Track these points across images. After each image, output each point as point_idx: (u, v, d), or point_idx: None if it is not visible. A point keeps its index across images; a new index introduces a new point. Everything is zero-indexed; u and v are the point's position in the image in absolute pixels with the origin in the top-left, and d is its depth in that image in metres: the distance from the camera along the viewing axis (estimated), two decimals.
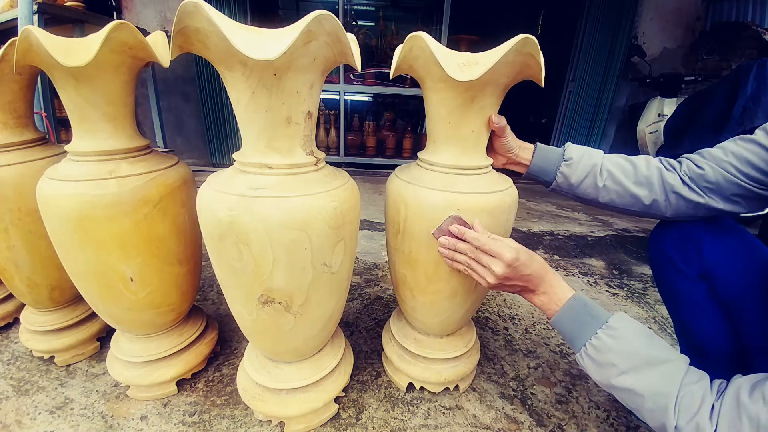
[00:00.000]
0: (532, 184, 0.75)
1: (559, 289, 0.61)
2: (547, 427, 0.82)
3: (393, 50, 0.74)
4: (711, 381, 0.49)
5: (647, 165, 0.68)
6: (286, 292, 0.61)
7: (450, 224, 0.64)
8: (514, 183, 0.74)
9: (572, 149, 0.71)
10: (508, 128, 0.69)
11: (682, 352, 0.77)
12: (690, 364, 0.71)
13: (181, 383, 0.86)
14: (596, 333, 0.55)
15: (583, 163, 0.69)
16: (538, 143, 0.74)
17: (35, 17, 1.72)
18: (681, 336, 0.77)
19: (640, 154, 0.74)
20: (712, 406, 0.46)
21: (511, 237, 0.74)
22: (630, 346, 0.53)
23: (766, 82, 1.62)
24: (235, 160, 0.60)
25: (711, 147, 0.66)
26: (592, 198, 0.71)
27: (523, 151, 0.73)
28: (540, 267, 0.62)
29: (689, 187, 0.65)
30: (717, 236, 0.67)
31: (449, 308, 0.77)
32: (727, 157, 0.62)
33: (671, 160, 0.69)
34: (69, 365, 0.91)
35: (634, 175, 0.68)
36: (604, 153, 0.74)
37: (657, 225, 0.75)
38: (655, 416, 0.50)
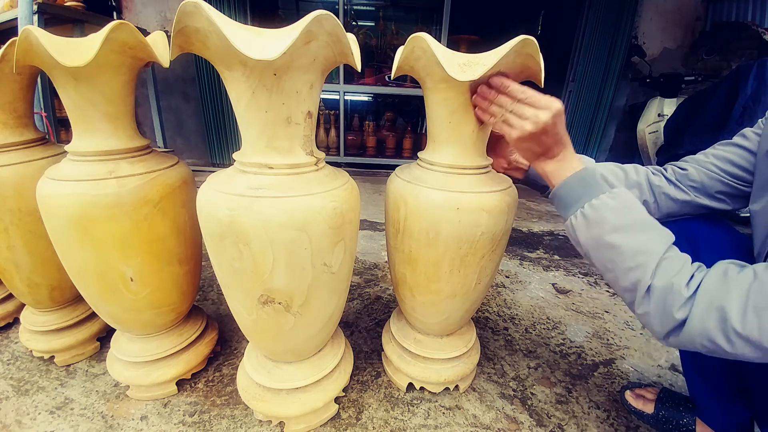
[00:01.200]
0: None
1: (576, 161, 0.61)
2: (547, 427, 0.82)
3: (393, 50, 0.74)
4: (692, 260, 0.51)
5: (635, 171, 0.73)
6: (286, 292, 0.61)
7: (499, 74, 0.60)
8: (513, 183, 0.74)
9: None
10: None
11: (681, 354, 0.77)
12: (684, 365, 0.73)
13: (181, 383, 0.86)
14: (599, 195, 0.55)
15: None
16: None
17: (35, 17, 1.72)
18: None
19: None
20: (692, 276, 0.47)
21: (511, 237, 0.74)
22: (628, 208, 0.54)
23: (766, 82, 1.62)
24: (235, 160, 0.60)
25: (711, 147, 0.70)
26: None
27: (520, 156, 0.75)
28: (568, 139, 0.62)
29: (675, 185, 0.70)
30: (712, 233, 0.68)
31: (449, 308, 0.77)
32: (709, 159, 0.69)
33: (657, 167, 0.74)
34: (69, 365, 0.91)
35: (626, 180, 0.72)
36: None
37: None
38: (631, 274, 0.51)
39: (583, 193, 0.57)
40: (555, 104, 0.58)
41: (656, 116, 2.45)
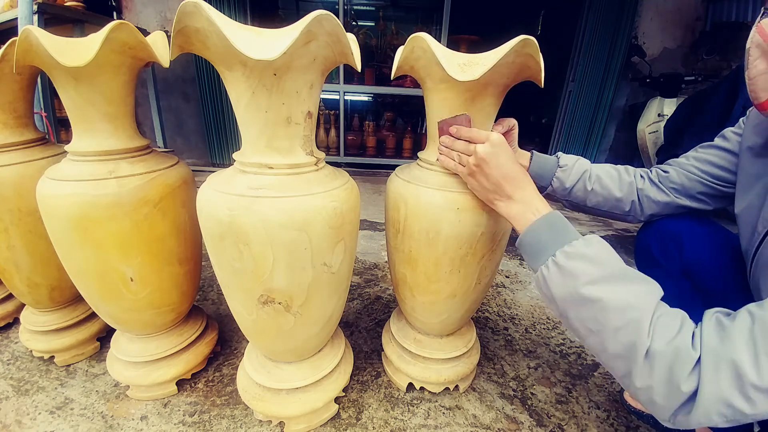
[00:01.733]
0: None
1: (539, 202, 0.56)
2: (547, 427, 0.82)
3: (393, 50, 0.74)
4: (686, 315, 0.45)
5: (627, 171, 0.76)
6: (286, 292, 0.61)
7: (454, 122, 0.63)
8: None
9: (565, 157, 0.77)
10: (515, 133, 0.72)
11: None
12: None
13: (181, 383, 0.86)
14: (571, 242, 0.49)
15: (576, 168, 0.75)
16: (533, 151, 0.78)
17: (35, 17, 1.72)
18: None
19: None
20: (694, 334, 0.41)
21: (511, 237, 0.74)
22: (607, 256, 0.48)
23: None
24: (235, 160, 0.60)
25: (692, 149, 0.73)
26: (581, 201, 0.77)
27: (521, 157, 0.77)
28: (525, 176, 0.58)
29: (657, 188, 0.73)
30: (694, 231, 0.70)
31: (449, 308, 0.77)
32: (689, 161, 0.71)
33: (644, 169, 0.77)
34: (69, 365, 0.91)
35: (619, 180, 0.75)
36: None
37: (642, 227, 0.80)
38: (622, 336, 0.43)
39: (552, 240, 0.51)
40: (492, 136, 0.58)
41: (656, 116, 2.44)
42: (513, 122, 0.71)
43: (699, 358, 0.39)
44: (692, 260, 0.69)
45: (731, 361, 0.37)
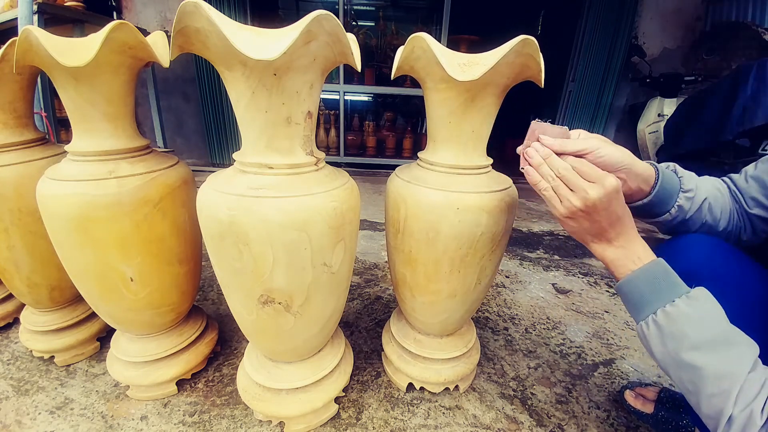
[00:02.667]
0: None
1: (641, 247, 0.52)
2: (547, 427, 0.82)
3: (393, 50, 0.74)
4: None
5: (728, 190, 0.63)
6: (286, 292, 0.61)
7: (552, 132, 0.53)
8: (513, 183, 0.74)
9: (687, 177, 0.61)
10: (595, 141, 0.54)
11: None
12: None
13: (181, 383, 0.86)
14: (674, 300, 0.47)
15: (698, 195, 0.60)
16: (659, 168, 0.59)
17: (35, 17, 1.72)
18: None
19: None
20: None
21: (511, 237, 0.74)
22: (710, 318, 0.46)
23: (766, 82, 1.62)
24: (235, 160, 0.60)
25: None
26: (680, 231, 0.63)
27: (639, 178, 0.57)
28: (629, 217, 0.52)
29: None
30: (713, 273, 0.56)
31: (449, 308, 0.77)
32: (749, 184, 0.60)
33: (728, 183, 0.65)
34: (69, 365, 0.91)
35: (724, 202, 0.62)
36: None
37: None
38: (714, 402, 0.43)
39: (653, 296, 0.49)
40: (609, 180, 0.49)
41: (656, 116, 2.45)
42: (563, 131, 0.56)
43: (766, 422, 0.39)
44: (735, 314, 0.53)
45: None
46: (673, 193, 0.59)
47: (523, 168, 0.56)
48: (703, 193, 0.60)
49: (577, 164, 0.50)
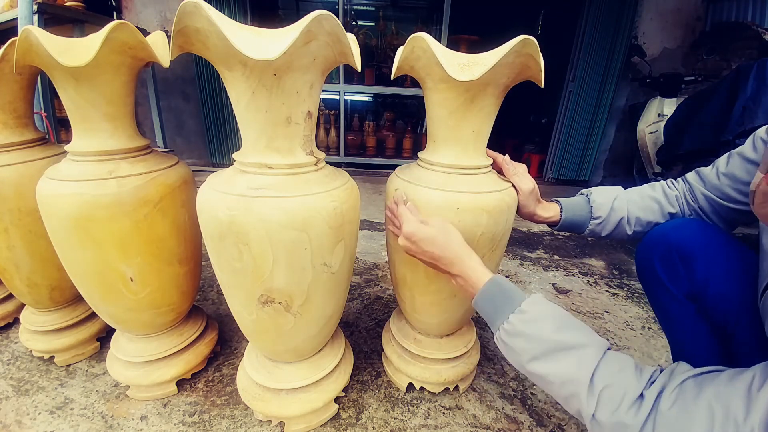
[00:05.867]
0: None
1: (473, 273, 0.58)
2: (547, 427, 0.82)
3: (393, 50, 0.74)
4: (637, 367, 0.46)
5: (668, 199, 0.71)
6: (286, 292, 0.61)
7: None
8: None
9: (598, 202, 0.73)
10: (528, 190, 0.71)
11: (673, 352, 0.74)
12: None
13: (181, 383, 0.86)
14: (508, 317, 0.53)
15: (611, 219, 0.72)
16: (561, 203, 0.75)
17: (35, 17, 1.72)
18: (672, 348, 0.73)
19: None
20: (640, 397, 0.42)
21: (511, 237, 0.74)
22: (540, 331, 0.50)
23: (766, 82, 1.62)
24: (235, 160, 0.60)
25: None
26: (623, 240, 0.78)
27: (548, 210, 0.75)
28: (451, 250, 0.60)
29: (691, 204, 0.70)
30: (710, 254, 0.62)
31: (449, 308, 0.77)
32: (720, 180, 0.66)
33: (674, 185, 0.73)
34: (69, 365, 0.91)
35: (661, 214, 0.71)
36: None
37: (645, 238, 0.71)
38: (570, 403, 0.48)
39: (495, 314, 0.55)
40: (406, 227, 0.61)
41: (656, 116, 2.44)
42: (502, 157, 0.73)
43: (647, 419, 0.41)
44: (702, 283, 0.62)
45: None
46: (584, 221, 0.74)
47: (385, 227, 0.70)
48: (620, 213, 0.71)
49: (393, 213, 0.66)
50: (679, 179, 0.74)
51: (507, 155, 0.75)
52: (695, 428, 0.38)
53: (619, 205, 0.72)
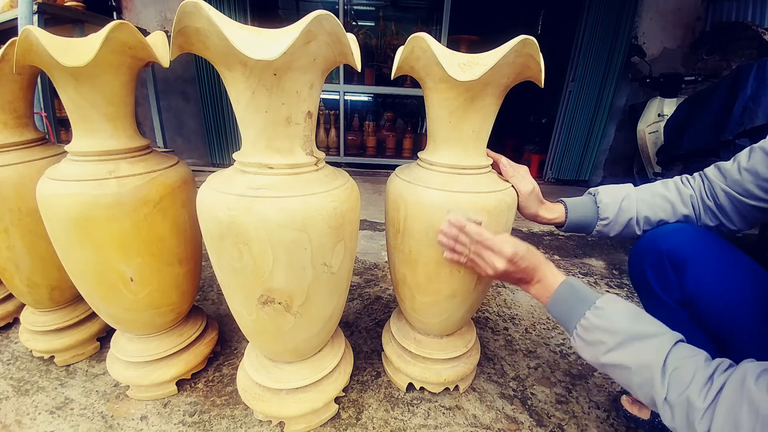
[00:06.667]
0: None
1: (551, 277, 0.61)
2: (547, 427, 0.82)
3: (393, 50, 0.74)
4: (708, 358, 0.47)
5: (682, 198, 0.69)
6: (286, 292, 0.61)
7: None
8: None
9: (605, 204, 0.71)
10: (528, 192, 0.71)
11: None
12: None
13: (181, 383, 0.86)
14: (584, 314, 0.55)
15: (620, 220, 0.71)
16: (566, 204, 0.74)
17: (35, 17, 1.72)
18: None
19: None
20: (709, 380, 0.44)
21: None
22: (616, 324, 0.52)
23: (766, 82, 1.62)
24: (235, 160, 0.60)
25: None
26: (633, 240, 0.74)
27: (551, 211, 0.74)
28: (535, 257, 0.62)
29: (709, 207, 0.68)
30: (702, 261, 0.62)
31: (449, 308, 0.77)
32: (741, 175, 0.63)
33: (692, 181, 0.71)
34: (69, 365, 0.91)
35: (673, 213, 0.70)
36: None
37: (636, 244, 0.72)
38: (644, 390, 0.49)
39: (570, 314, 0.57)
40: (506, 250, 0.60)
41: (656, 116, 2.44)
42: (503, 159, 0.72)
43: (712, 403, 0.42)
44: (694, 290, 0.62)
45: (736, 423, 0.40)
46: (591, 221, 0.73)
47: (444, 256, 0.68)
48: (629, 214, 0.70)
49: (480, 236, 0.62)
50: (696, 175, 0.71)
51: (503, 158, 0.74)
52: (743, 421, 0.39)
53: (627, 205, 0.71)
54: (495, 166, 0.74)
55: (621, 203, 0.71)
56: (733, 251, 0.63)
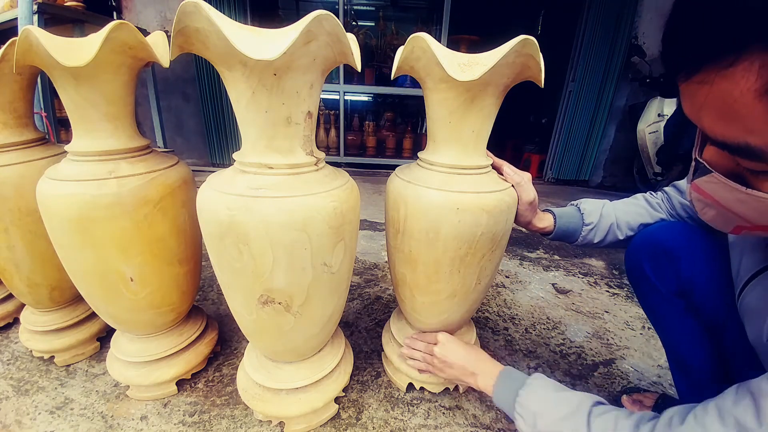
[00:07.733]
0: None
1: (489, 367, 0.71)
2: None
3: (393, 50, 0.75)
4: (629, 412, 0.50)
5: (650, 207, 0.75)
6: (286, 292, 0.61)
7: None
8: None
9: (589, 210, 0.76)
10: (530, 201, 0.73)
11: (668, 364, 0.76)
12: (674, 379, 0.72)
13: (181, 383, 0.86)
14: (518, 393, 0.61)
15: (602, 225, 0.75)
16: (554, 213, 0.78)
17: (35, 17, 1.72)
18: (665, 348, 0.75)
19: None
20: (635, 428, 0.46)
21: (511, 237, 0.74)
22: (541, 408, 0.57)
23: None
24: (235, 160, 0.60)
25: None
26: (617, 247, 0.79)
27: (542, 220, 0.77)
28: (475, 352, 0.75)
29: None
30: (693, 253, 0.64)
31: (449, 308, 0.77)
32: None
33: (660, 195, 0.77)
34: (69, 365, 0.91)
35: (650, 218, 0.74)
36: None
37: (632, 240, 0.74)
38: None
39: (510, 396, 0.63)
40: (439, 336, 0.77)
41: (656, 116, 2.45)
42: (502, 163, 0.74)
43: None
44: (688, 279, 0.64)
45: None
46: (576, 228, 0.76)
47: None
48: (609, 219, 0.75)
49: (421, 337, 0.82)
50: (658, 192, 0.77)
51: (506, 164, 0.75)
52: None
53: (607, 211, 0.76)
54: (494, 167, 0.74)
55: (602, 210, 0.76)
56: (726, 241, 0.64)
